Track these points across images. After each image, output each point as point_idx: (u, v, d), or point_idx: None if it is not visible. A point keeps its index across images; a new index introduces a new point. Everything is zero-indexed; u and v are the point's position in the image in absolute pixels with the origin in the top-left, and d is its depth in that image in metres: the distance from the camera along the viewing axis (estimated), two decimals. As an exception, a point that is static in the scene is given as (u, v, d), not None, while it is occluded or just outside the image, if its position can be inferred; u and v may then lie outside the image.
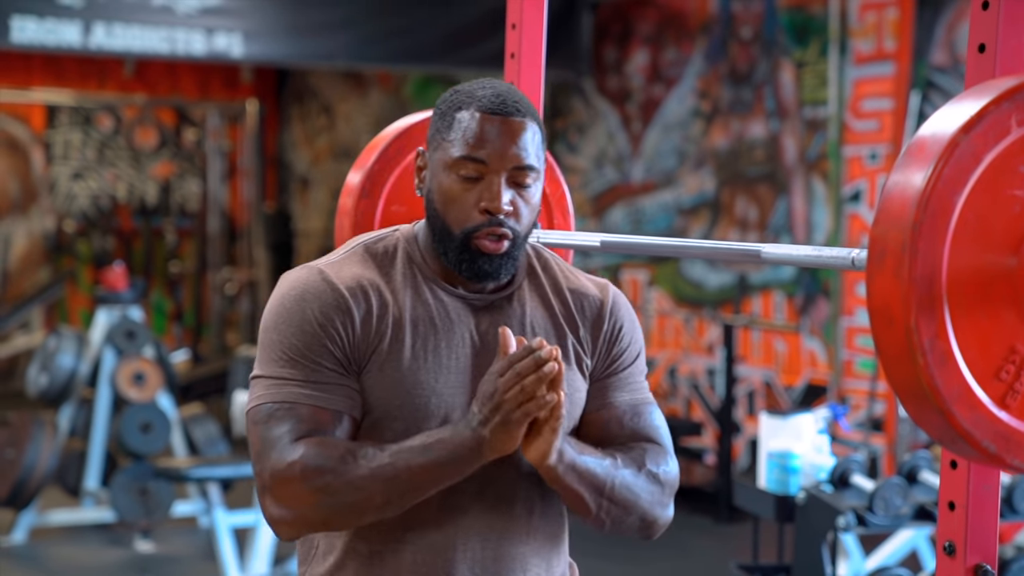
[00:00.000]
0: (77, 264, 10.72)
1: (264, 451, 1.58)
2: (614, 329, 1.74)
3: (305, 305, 1.61)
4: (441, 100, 1.69)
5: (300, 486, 1.55)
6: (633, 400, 1.74)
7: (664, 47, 7.54)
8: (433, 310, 1.66)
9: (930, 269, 1.29)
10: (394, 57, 7.57)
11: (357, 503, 1.55)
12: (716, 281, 7.20)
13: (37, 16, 6.52)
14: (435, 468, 1.56)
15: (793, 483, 3.71)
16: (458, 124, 1.63)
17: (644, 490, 1.68)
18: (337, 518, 1.58)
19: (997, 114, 1.31)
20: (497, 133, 1.62)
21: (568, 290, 1.74)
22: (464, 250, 1.63)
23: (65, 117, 10.70)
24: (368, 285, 1.64)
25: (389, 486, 1.54)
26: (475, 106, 1.64)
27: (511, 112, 1.64)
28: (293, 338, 1.61)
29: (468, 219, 1.63)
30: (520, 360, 1.55)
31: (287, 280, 1.66)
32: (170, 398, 6.05)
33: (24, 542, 5.74)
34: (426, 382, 1.62)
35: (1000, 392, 1.34)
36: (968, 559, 1.53)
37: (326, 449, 1.56)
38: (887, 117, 6.10)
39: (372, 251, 1.69)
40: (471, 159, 1.62)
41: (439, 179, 1.65)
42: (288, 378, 1.60)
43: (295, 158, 11.36)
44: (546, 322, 1.71)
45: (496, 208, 1.62)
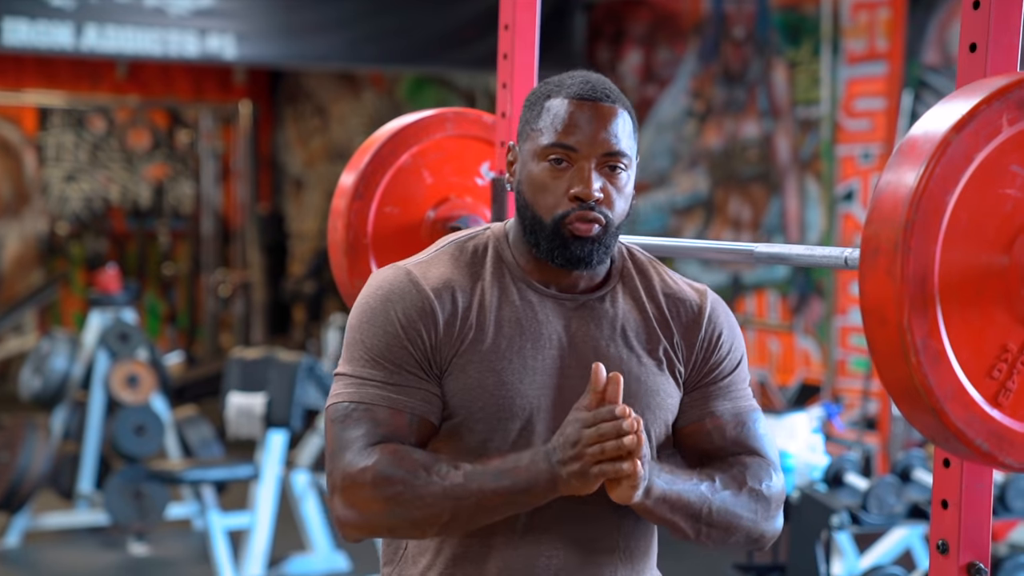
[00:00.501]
0: (70, 266, 10.71)
1: (338, 452, 1.57)
2: (712, 336, 1.71)
3: (389, 306, 1.61)
4: (531, 92, 1.68)
5: (370, 493, 1.54)
6: (735, 408, 1.70)
7: (657, 47, 7.54)
8: (520, 310, 1.63)
9: (922, 268, 1.29)
10: (387, 58, 7.56)
11: (424, 518, 1.54)
12: (710, 281, 7.20)
13: (29, 18, 6.51)
14: (507, 495, 1.54)
15: (787, 482, 3.71)
16: (547, 112, 1.62)
17: (746, 509, 1.65)
18: (402, 529, 1.57)
19: (988, 113, 1.31)
20: (587, 119, 1.60)
21: (663, 294, 1.71)
22: (556, 236, 1.61)
23: (58, 119, 10.69)
24: (455, 286, 1.63)
25: (458, 506, 1.53)
26: (564, 93, 1.62)
27: (600, 98, 1.62)
28: (375, 339, 1.60)
29: (558, 205, 1.60)
30: (604, 421, 1.52)
31: (375, 279, 1.65)
32: (164, 400, 6.04)
33: (18, 546, 5.73)
34: (510, 383, 1.60)
35: (992, 390, 1.34)
36: (961, 557, 1.53)
37: (401, 459, 1.55)
38: (880, 116, 6.11)
39: (462, 250, 1.67)
40: (560, 146, 1.60)
41: (529, 168, 1.63)
42: (368, 378, 1.60)
43: (289, 159, 11.35)
44: (638, 325, 1.68)
45: (587, 195, 1.59)
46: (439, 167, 2.22)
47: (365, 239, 2.18)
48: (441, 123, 2.23)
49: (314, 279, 10.06)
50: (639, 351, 1.67)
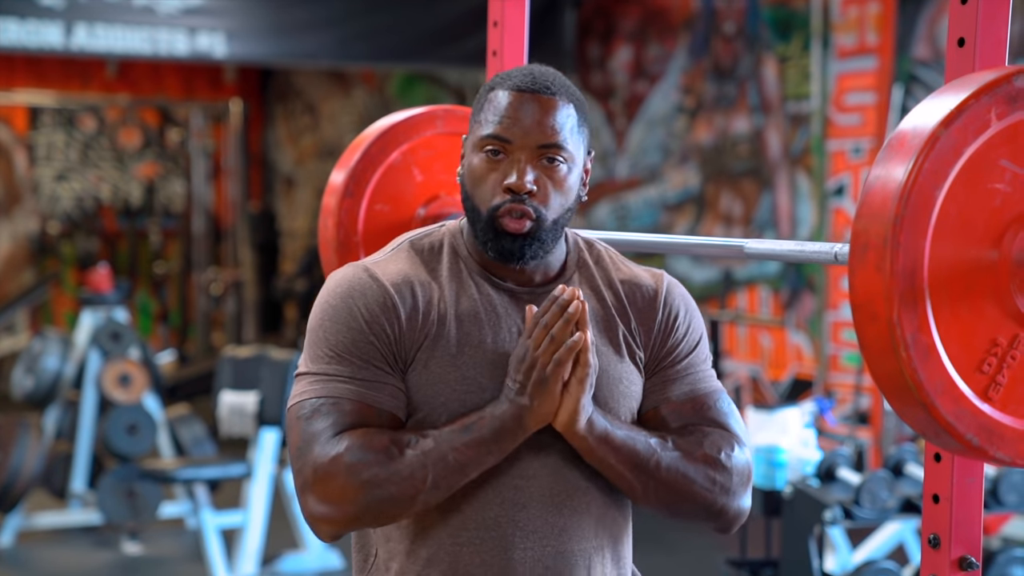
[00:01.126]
0: (61, 266, 10.69)
1: (305, 447, 1.55)
2: (668, 318, 1.70)
3: (351, 302, 1.60)
4: (481, 88, 1.68)
5: (345, 480, 1.52)
6: (693, 392, 1.68)
7: (647, 43, 7.54)
8: (479, 304, 1.63)
9: (912, 263, 1.30)
10: (377, 55, 7.56)
11: (403, 493, 1.53)
12: (702, 276, 7.20)
13: (19, 17, 6.49)
14: (480, 445, 1.54)
15: (780, 477, 3.72)
16: (489, 104, 1.62)
17: (700, 475, 1.62)
18: (383, 511, 1.54)
19: (977, 108, 1.31)
20: (525, 111, 1.60)
21: (620, 281, 1.70)
22: (489, 229, 1.61)
23: (48, 118, 10.66)
24: (413, 281, 1.63)
25: (435, 470, 1.53)
26: (506, 85, 1.62)
27: (540, 90, 1.61)
28: (339, 335, 1.59)
29: (493, 197, 1.60)
30: (544, 313, 1.55)
31: (333, 279, 1.65)
32: (156, 399, 6.04)
33: (11, 545, 5.72)
34: (473, 377, 1.60)
35: (983, 385, 1.34)
36: (953, 551, 1.53)
37: (369, 441, 1.53)
38: (870, 111, 6.11)
39: (417, 247, 1.67)
40: (495, 137, 1.60)
41: (469, 160, 1.64)
42: (333, 374, 1.58)
43: (279, 157, 11.33)
44: (597, 315, 1.67)
45: (517, 186, 1.58)
46: (429, 164, 2.22)
47: (356, 237, 2.18)
48: (431, 120, 2.23)
49: (305, 277, 10.06)
50: (599, 341, 1.65)
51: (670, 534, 5.91)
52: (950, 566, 1.53)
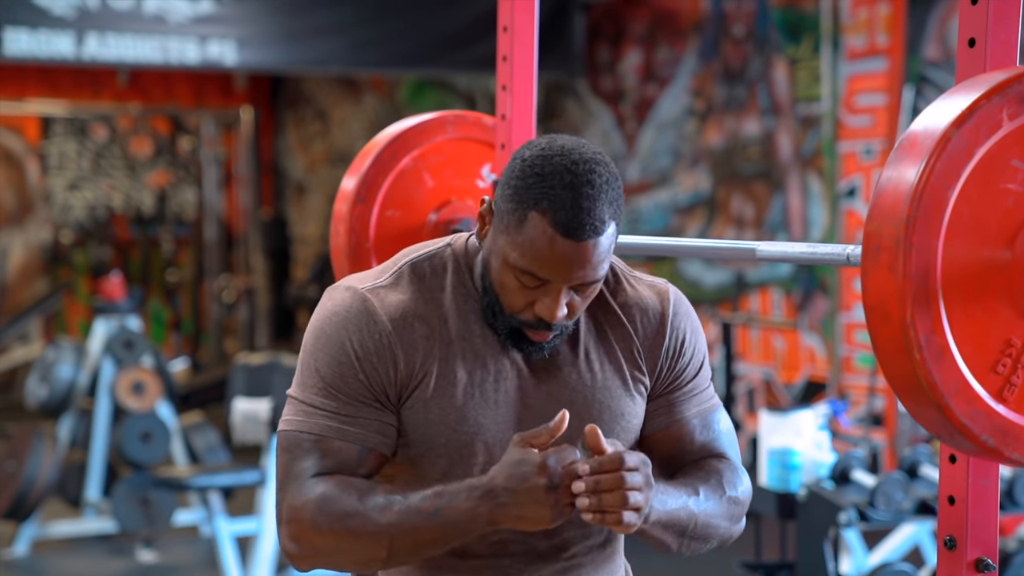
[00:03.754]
0: (74, 275, 10.72)
1: (285, 483, 1.55)
2: (676, 342, 1.67)
3: (345, 335, 1.56)
4: (522, 169, 1.52)
5: (310, 527, 1.52)
6: (701, 411, 1.69)
7: (657, 46, 7.54)
8: (480, 340, 1.59)
9: (925, 264, 1.29)
10: (387, 62, 7.56)
11: (363, 552, 1.53)
12: (714, 279, 7.20)
13: (30, 27, 6.51)
14: (442, 532, 1.51)
15: (794, 480, 3.71)
16: (529, 228, 1.50)
17: (724, 517, 1.65)
18: (344, 563, 1.55)
19: (988, 108, 1.31)
20: (567, 256, 1.50)
21: (622, 305, 1.65)
22: (512, 330, 1.58)
23: (60, 128, 10.70)
24: (414, 316, 1.58)
25: (396, 543, 1.51)
26: (550, 217, 1.48)
27: (585, 235, 1.49)
28: (329, 367, 1.56)
29: (520, 312, 1.56)
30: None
31: (332, 301, 1.60)
32: (170, 407, 6.05)
33: (26, 555, 5.74)
34: (472, 418, 1.57)
35: (997, 386, 1.34)
36: (969, 553, 1.52)
37: (339, 494, 1.52)
38: (881, 112, 6.10)
39: (419, 272, 1.61)
40: (534, 276, 1.52)
41: (497, 263, 1.55)
42: (319, 408, 1.56)
43: (290, 164, 11.35)
44: (599, 345, 1.64)
45: (550, 319, 1.54)
46: (440, 170, 2.22)
47: (367, 243, 2.18)
48: (442, 126, 2.23)
49: (318, 283, 10.07)
50: (601, 373, 1.63)
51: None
52: (966, 568, 1.52)
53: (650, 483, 1.50)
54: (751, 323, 6.79)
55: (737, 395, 6.86)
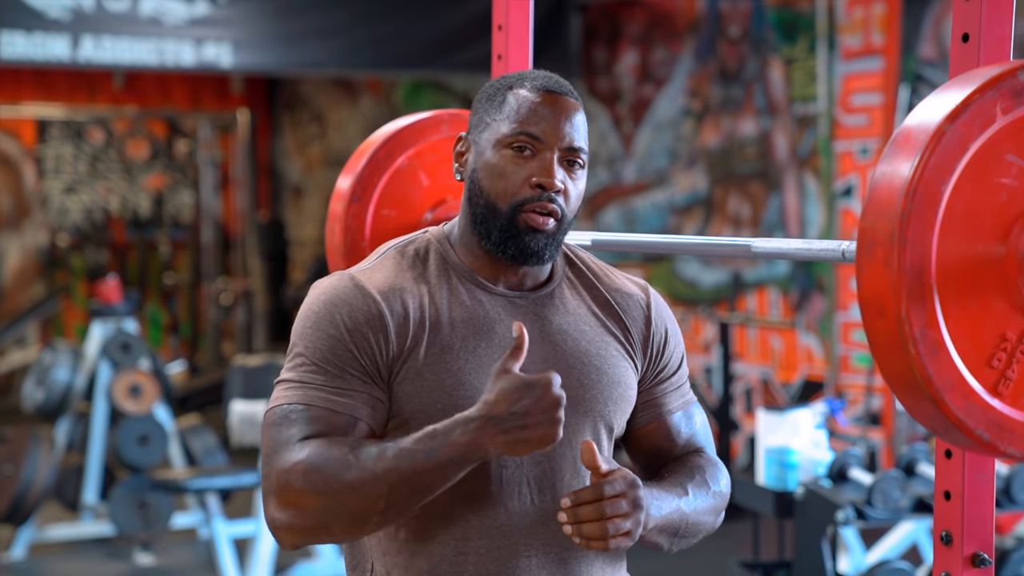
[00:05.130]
0: (71, 278, 10.71)
1: (272, 453, 1.53)
2: (661, 335, 1.71)
3: (334, 310, 1.57)
4: (487, 86, 1.67)
5: (302, 487, 1.48)
6: (683, 404, 1.73)
7: (653, 47, 7.54)
8: (471, 310, 1.61)
9: (919, 259, 1.29)
10: (384, 63, 7.56)
11: (360, 507, 1.48)
12: (711, 279, 7.20)
13: (25, 30, 6.51)
14: (441, 472, 1.49)
15: (792, 479, 3.71)
16: (510, 102, 1.61)
17: (710, 514, 1.68)
18: (340, 524, 1.50)
19: (982, 102, 1.31)
20: (553, 111, 1.60)
21: (610, 289, 1.71)
22: (511, 226, 1.59)
23: (56, 131, 10.69)
24: (402, 289, 1.60)
25: (393, 491, 1.48)
26: (528, 85, 1.62)
27: (566, 92, 1.63)
28: (319, 342, 1.56)
29: (518, 192, 1.59)
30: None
31: (318, 287, 1.62)
32: (167, 410, 6.04)
33: (24, 558, 5.73)
34: (468, 382, 1.57)
35: (992, 380, 1.34)
36: (965, 548, 1.53)
37: (329, 449, 1.50)
38: (877, 112, 6.11)
39: (404, 254, 1.65)
40: (526, 134, 1.59)
41: (487, 156, 1.61)
42: (307, 382, 1.55)
43: (287, 167, 11.35)
44: (592, 320, 1.67)
45: (550, 183, 1.58)
46: (436, 169, 2.22)
47: (363, 242, 2.18)
48: (437, 125, 2.23)
49: (315, 286, 10.05)
50: (597, 344, 1.66)
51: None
52: (963, 563, 1.52)
53: (638, 504, 1.52)
54: (748, 323, 6.79)
55: (735, 395, 6.86)
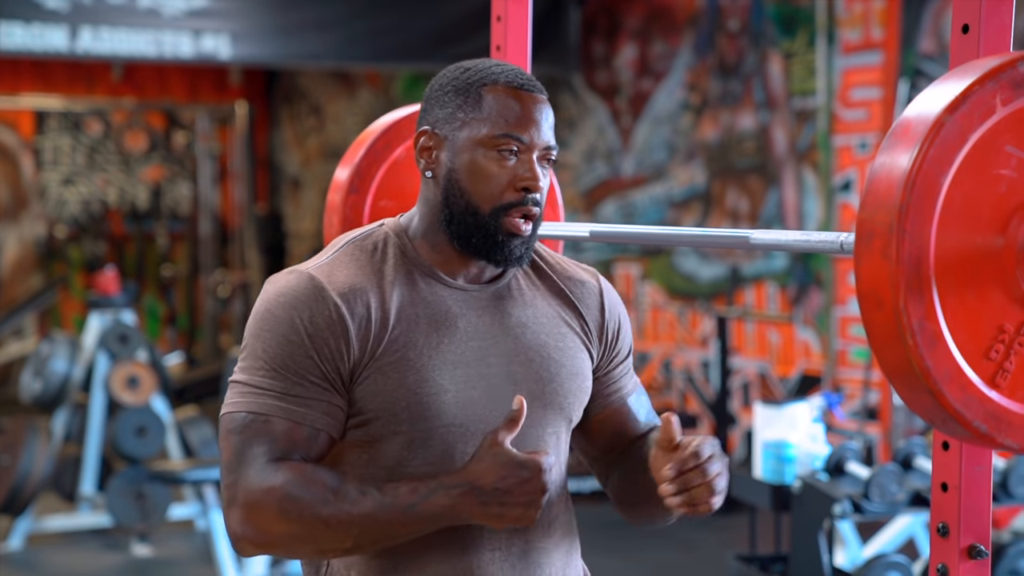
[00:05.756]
0: (69, 270, 10.71)
1: (239, 466, 1.52)
2: (614, 321, 1.73)
3: (295, 313, 1.54)
4: (451, 78, 1.63)
5: (274, 514, 1.49)
6: (635, 385, 1.76)
7: (652, 41, 7.54)
8: (433, 306, 1.60)
9: (918, 250, 1.29)
10: (382, 56, 7.56)
11: (327, 542, 1.50)
12: (709, 273, 7.20)
13: (23, 21, 6.50)
14: (414, 527, 1.51)
15: (789, 472, 3.71)
16: (489, 101, 1.59)
17: None
18: (300, 550, 1.52)
19: (982, 93, 1.30)
20: (533, 112, 1.60)
21: (563, 278, 1.72)
22: (494, 231, 1.58)
23: (54, 122, 10.68)
24: (362, 288, 1.57)
25: (363, 534, 1.50)
26: (504, 82, 1.60)
27: (538, 89, 1.63)
28: (278, 347, 1.54)
29: (502, 197, 1.58)
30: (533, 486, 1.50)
31: (275, 285, 1.58)
32: (164, 401, 6.04)
33: (21, 549, 5.73)
34: (432, 379, 1.56)
35: (990, 372, 1.34)
36: (962, 540, 1.53)
37: (308, 481, 1.50)
38: (876, 106, 6.10)
39: (362, 249, 1.62)
40: (512, 137, 1.58)
41: (467, 157, 1.59)
42: (267, 389, 1.53)
43: (286, 159, 11.34)
44: (549, 310, 1.68)
45: (536, 187, 1.59)
46: (434, 160, 2.21)
47: (361, 233, 2.17)
48: (435, 116, 2.22)
49: (313, 278, 10.05)
50: (555, 335, 1.66)
51: (679, 531, 5.90)
52: (959, 555, 1.52)
53: (725, 462, 1.55)
54: (746, 317, 6.79)
55: (732, 389, 6.87)
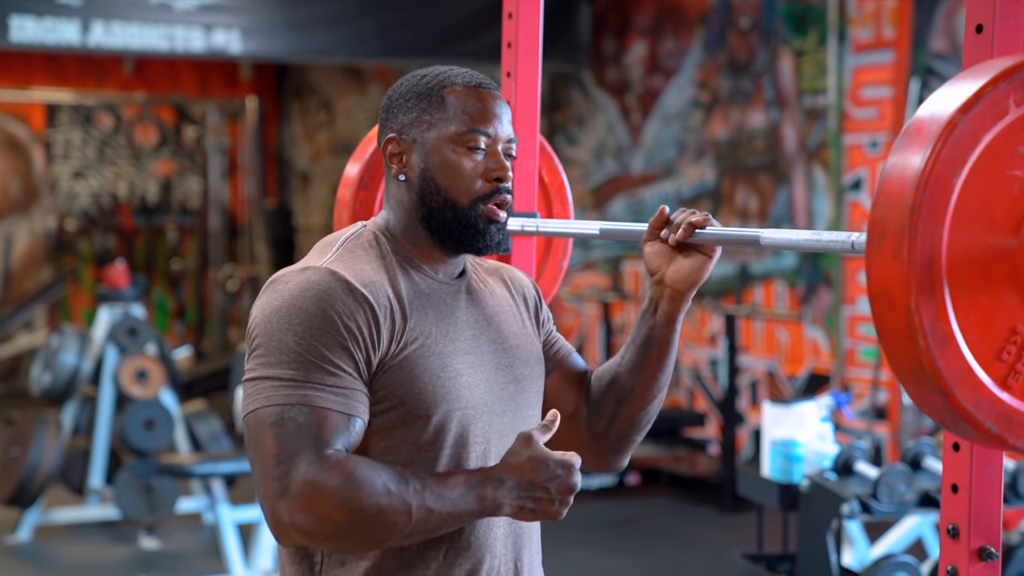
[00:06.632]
0: (79, 263, 10.73)
1: (289, 456, 1.52)
2: (543, 305, 1.88)
3: (326, 307, 1.57)
4: (410, 86, 1.72)
5: (336, 502, 1.51)
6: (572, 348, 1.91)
7: (663, 38, 7.53)
8: (431, 297, 1.68)
9: (930, 251, 1.29)
10: (392, 51, 7.56)
11: (381, 532, 1.53)
12: (717, 271, 7.19)
13: (36, 15, 6.51)
14: (460, 518, 1.58)
15: (797, 471, 3.71)
16: (451, 102, 1.68)
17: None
18: (353, 539, 1.54)
19: (995, 94, 1.30)
20: (493, 108, 1.70)
21: (503, 273, 1.84)
22: (473, 222, 1.68)
23: (65, 116, 10.70)
24: (379, 281, 1.63)
25: (419, 525, 1.55)
26: (462, 83, 1.70)
27: (495, 87, 1.73)
28: (312, 339, 1.56)
29: (477, 188, 1.68)
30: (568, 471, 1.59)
31: (294, 282, 1.60)
32: (173, 395, 6.05)
33: (29, 541, 5.75)
34: (451, 365, 1.65)
35: (1002, 373, 1.33)
36: (972, 542, 1.52)
37: (366, 472, 1.53)
38: (887, 105, 6.09)
39: (360, 246, 1.68)
40: (479, 132, 1.67)
41: (438, 156, 1.67)
42: (304, 380, 1.55)
43: (295, 154, 11.35)
44: (509, 302, 1.79)
45: (506, 176, 1.68)
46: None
47: (371, 229, 2.17)
48: (446, 113, 2.22)
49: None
50: (518, 323, 1.79)
51: (687, 530, 5.90)
52: (969, 556, 1.52)
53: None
54: (755, 315, 6.78)
55: (740, 387, 6.86)
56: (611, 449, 1.82)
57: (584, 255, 8.06)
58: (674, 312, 1.75)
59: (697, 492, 6.51)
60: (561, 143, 8.17)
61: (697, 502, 6.40)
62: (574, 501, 1.62)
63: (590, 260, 8.08)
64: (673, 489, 6.68)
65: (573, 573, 5.23)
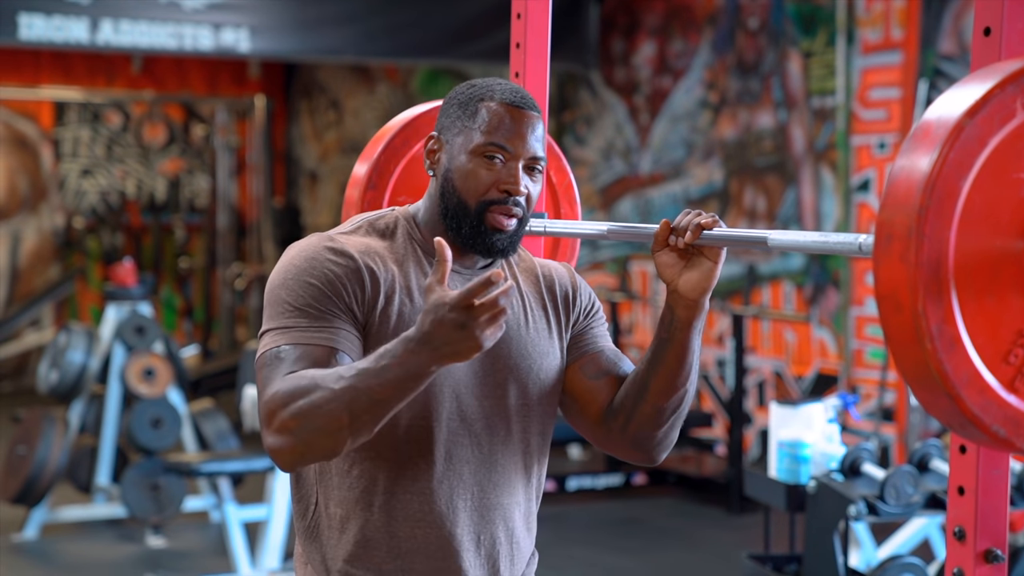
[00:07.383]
0: (87, 261, 10.75)
1: (263, 390, 1.67)
2: (587, 304, 1.93)
3: (316, 263, 1.73)
4: (458, 92, 1.84)
5: (283, 412, 1.62)
6: (614, 349, 1.93)
7: (671, 38, 7.52)
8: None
9: (937, 253, 1.29)
10: (401, 51, 7.57)
11: (326, 423, 1.61)
12: (725, 272, 7.18)
13: (45, 13, 6.52)
14: (393, 387, 1.60)
15: (804, 472, 3.71)
16: (482, 113, 1.79)
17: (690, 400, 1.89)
18: (316, 439, 1.62)
19: (1002, 97, 1.30)
20: (520, 125, 1.79)
21: (543, 274, 1.91)
22: (480, 224, 1.78)
23: (74, 114, 10.72)
24: (375, 251, 1.77)
25: (352, 407, 1.60)
26: (498, 98, 1.80)
27: (530, 107, 1.81)
28: (301, 290, 1.71)
29: (487, 193, 1.78)
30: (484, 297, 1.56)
31: (296, 247, 1.77)
32: (180, 393, 6.06)
33: (36, 538, 5.76)
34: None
35: (1009, 376, 1.33)
36: (979, 544, 1.52)
37: (301, 378, 1.64)
38: (895, 106, 6.08)
39: (375, 226, 1.83)
40: (497, 145, 1.77)
41: (461, 160, 1.79)
42: (292, 326, 1.69)
43: (304, 153, 11.36)
44: (527, 296, 1.87)
45: (516, 190, 1.77)
46: (452, 157, 2.22)
47: (379, 229, 2.18)
48: (454, 113, 2.23)
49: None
50: (531, 317, 1.86)
51: (693, 531, 5.90)
52: (976, 559, 1.52)
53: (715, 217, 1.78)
54: (762, 316, 6.78)
55: (748, 388, 6.86)
56: (632, 444, 1.86)
57: (592, 255, 8.06)
58: (690, 317, 1.80)
59: (704, 492, 6.51)
60: (569, 143, 8.17)
61: (704, 502, 6.40)
62: (581, 501, 1.62)
63: (598, 260, 8.08)
64: (680, 489, 6.68)
65: (579, 573, 5.24)
